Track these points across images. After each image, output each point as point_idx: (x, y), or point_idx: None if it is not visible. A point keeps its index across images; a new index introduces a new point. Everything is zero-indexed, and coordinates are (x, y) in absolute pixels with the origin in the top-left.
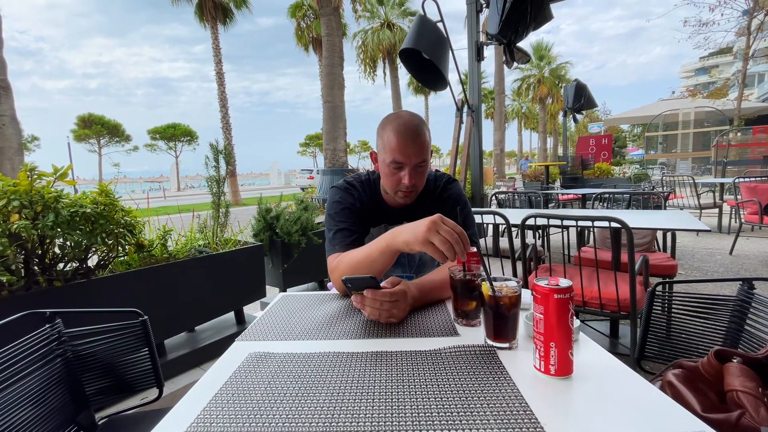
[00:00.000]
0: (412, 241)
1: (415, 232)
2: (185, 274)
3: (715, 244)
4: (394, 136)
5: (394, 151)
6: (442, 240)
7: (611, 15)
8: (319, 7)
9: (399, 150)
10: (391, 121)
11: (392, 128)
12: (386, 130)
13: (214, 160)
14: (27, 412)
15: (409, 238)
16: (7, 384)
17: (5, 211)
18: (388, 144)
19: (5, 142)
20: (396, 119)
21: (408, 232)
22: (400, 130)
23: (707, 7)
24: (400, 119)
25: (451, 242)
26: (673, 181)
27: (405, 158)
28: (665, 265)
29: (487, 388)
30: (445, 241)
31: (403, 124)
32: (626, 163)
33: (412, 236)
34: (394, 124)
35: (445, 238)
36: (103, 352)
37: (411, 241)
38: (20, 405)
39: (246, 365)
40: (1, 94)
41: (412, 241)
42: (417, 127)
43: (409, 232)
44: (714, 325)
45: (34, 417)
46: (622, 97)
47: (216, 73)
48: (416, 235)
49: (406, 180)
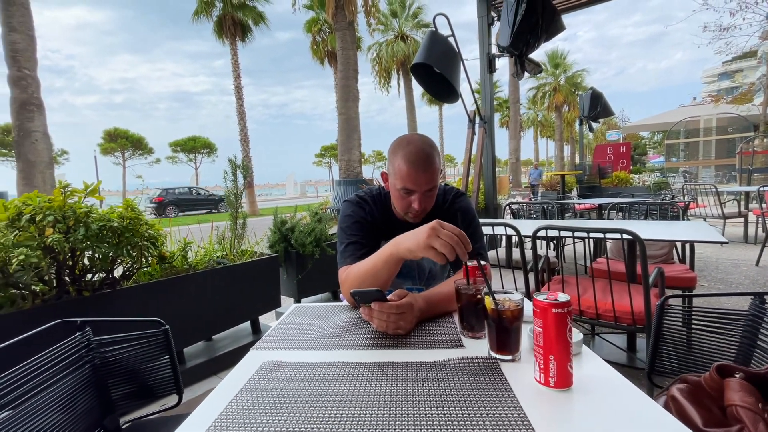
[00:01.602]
0: (415, 247)
1: (416, 238)
2: (204, 285)
3: (741, 255)
4: (405, 164)
5: (404, 179)
6: (443, 243)
7: (630, 21)
8: (334, 21)
9: (409, 179)
10: (402, 148)
11: (403, 156)
12: (397, 157)
13: (232, 175)
14: (58, 416)
15: (412, 245)
16: (42, 388)
17: (41, 225)
18: (398, 171)
19: (37, 156)
20: (407, 146)
21: (410, 239)
22: (411, 159)
23: (728, 11)
24: (410, 146)
25: (452, 245)
26: (695, 189)
27: (415, 186)
28: (683, 277)
29: (489, 400)
30: (446, 244)
31: (414, 152)
32: (646, 171)
33: (414, 243)
34: (405, 152)
35: (446, 242)
36: (127, 359)
37: (413, 247)
38: (53, 408)
39: (260, 373)
40: (35, 111)
41: (414, 248)
42: (427, 156)
43: (411, 240)
44: (726, 340)
45: (65, 420)
46: (643, 104)
47: (235, 87)
48: (418, 241)
49: (415, 205)
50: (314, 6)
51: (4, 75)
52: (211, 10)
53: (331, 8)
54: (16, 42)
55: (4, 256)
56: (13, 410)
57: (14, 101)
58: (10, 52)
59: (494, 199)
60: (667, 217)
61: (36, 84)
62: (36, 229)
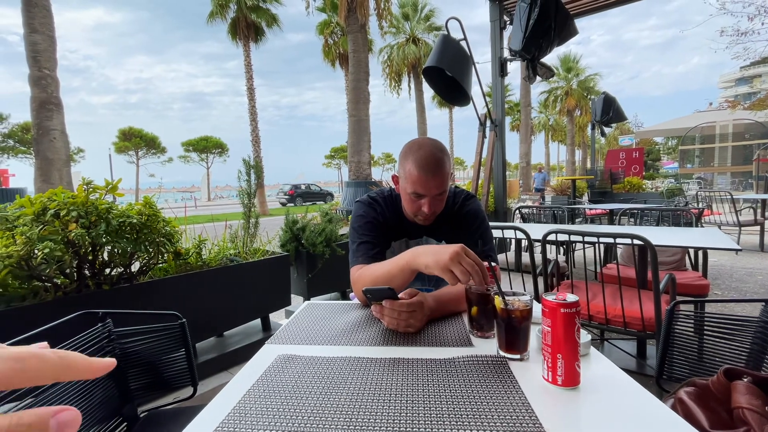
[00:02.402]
0: (433, 265)
1: (437, 257)
2: (217, 281)
3: (756, 264)
4: (415, 169)
5: (415, 183)
6: (463, 271)
7: (646, 24)
8: (347, 24)
9: (420, 183)
10: (413, 152)
11: (413, 160)
12: (408, 161)
13: (246, 174)
14: (80, 403)
15: (430, 262)
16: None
17: (65, 220)
18: (409, 175)
19: (55, 154)
20: (418, 150)
21: (430, 255)
22: (421, 164)
23: (746, 16)
24: (421, 151)
25: (471, 273)
26: (709, 196)
27: (425, 191)
28: (696, 284)
29: (497, 395)
30: (465, 272)
31: (424, 157)
32: (660, 177)
33: (433, 261)
34: (416, 156)
35: (466, 269)
36: (146, 350)
37: (432, 265)
38: (75, 396)
39: (275, 366)
40: (54, 110)
41: (432, 266)
42: (438, 161)
43: (431, 257)
44: (736, 347)
45: (86, 407)
46: (658, 108)
47: (247, 88)
48: (438, 261)
49: (425, 209)
50: (327, 9)
51: (25, 74)
52: (225, 12)
53: (343, 11)
54: (37, 43)
55: (29, 250)
56: (35, 398)
57: (34, 100)
58: (32, 52)
59: (504, 203)
60: (680, 224)
61: (55, 84)
62: (60, 223)
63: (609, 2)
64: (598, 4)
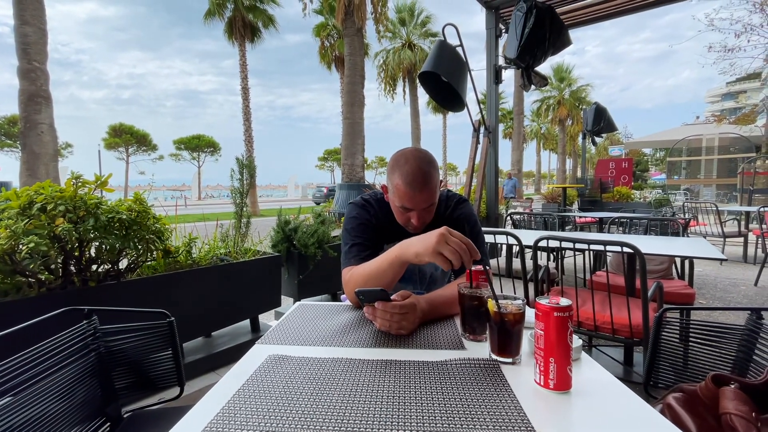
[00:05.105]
0: (423, 252)
1: (425, 243)
2: (206, 281)
3: (740, 275)
4: (403, 184)
5: (402, 198)
6: (452, 250)
7: (639, 38)
8: (343, 27)
9: (407, 199)
10: (400, 166)
11: (400, 175)
12: (395, 175)
13: (239, 173)
14: (62, 402)
15: (420, 249)
16: (49, 373)
17: (52, 214)
18: (396, 190)
19: (42, 148)
20: (405, 164)
21: (418, 244)
22: (408, 180)
23: (733, 33)
24: (407, 165)
25: (460, 252)
26: (695, 207)
27: (413, 205)
28: (682, 293)
29: (489, 398)
30: (454, 251)
31: (411, 172)
32: (648, 187)
33: (422, 247)
34: (403, 171)
35: (454, 249)
36: (132, 349)
37: (422, 252)
38: (58, 393)
39: (265, 366)
40: (42, 103)
41: (422, 252)
42: (425, 175)
43: (420, 244)
44: (722, 354)
45: (69, 406)
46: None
47: (242, 87)
48: (426, 246)
49: (414, 221)
50: (324, 11)
51: (14, 66)
52: (222, 11)
53: (340, 14)
54: (27, 35)
55: (14, 244)
56: (14, 396)
57: (22, 93)
58: (22, 44)
59: (496, 209)
60: (667, 234)
61: (45, 77)
62: (47, 218)
63: (603, 14)
64: (592, 16)
